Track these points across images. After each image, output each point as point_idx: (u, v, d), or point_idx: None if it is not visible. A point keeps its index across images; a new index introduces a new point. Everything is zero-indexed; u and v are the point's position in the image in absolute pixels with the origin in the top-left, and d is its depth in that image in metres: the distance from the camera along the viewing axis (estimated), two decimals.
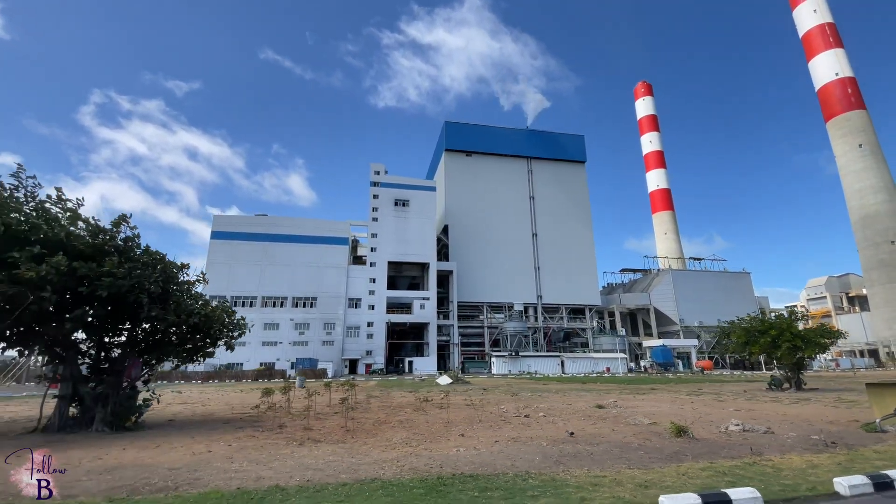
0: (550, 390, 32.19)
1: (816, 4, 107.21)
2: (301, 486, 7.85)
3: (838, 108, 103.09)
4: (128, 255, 15.34)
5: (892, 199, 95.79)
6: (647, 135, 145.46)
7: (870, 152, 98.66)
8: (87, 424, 14.81)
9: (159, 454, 10.91)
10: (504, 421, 16.06)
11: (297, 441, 12.24)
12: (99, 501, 7.14)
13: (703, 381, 42.87)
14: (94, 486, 8.04)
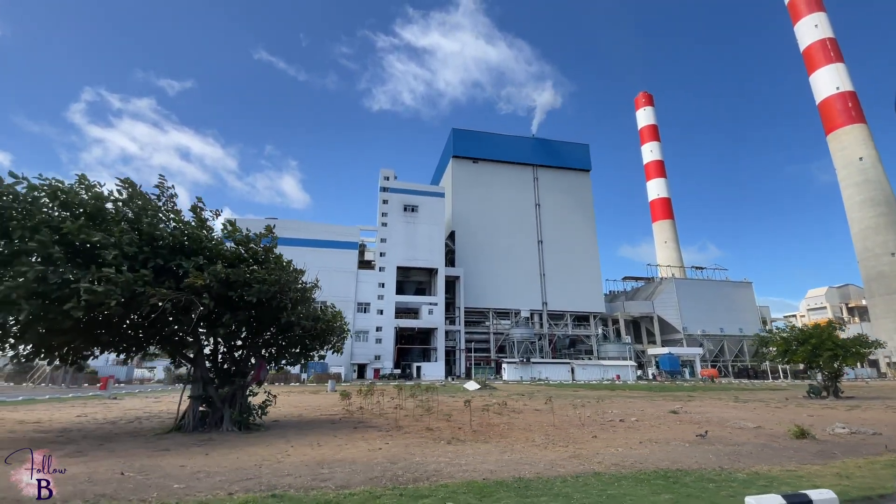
0: (589, 397, 32.19)
1: (818, 20, 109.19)
2: (538, 478, 7.88)
3: (839, 121, 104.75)
4: (265, 263, 15.51)
5: (891, 212, 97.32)
6: (648, 144, 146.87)
7: (870, 165, 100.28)
8: (216, 424, 14.81)
9: (338, 451, 10.84)
10: (609, 424, 16.10)
11: (445, 440, 12.23)
12: (380, 489, 7.10)
13: (728, 390, 43.15)
14: (348, 478, 8.03)
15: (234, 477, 8.16)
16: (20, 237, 11.19)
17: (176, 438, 12.94)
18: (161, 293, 11.98)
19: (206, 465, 9.29)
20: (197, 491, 7.15)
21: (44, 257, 11.24)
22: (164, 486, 7.45)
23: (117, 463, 9.34)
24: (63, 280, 11.02)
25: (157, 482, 7.76)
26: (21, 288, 10.53)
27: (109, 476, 8.10)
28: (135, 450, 11.03)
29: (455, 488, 7.24)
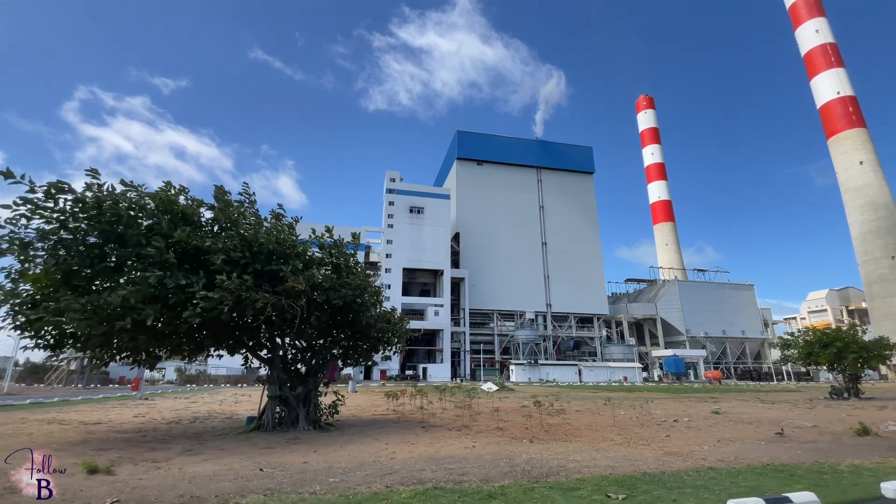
0: (616, 399, 32.54)
1: (818, 25, 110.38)
2: (661, 473, 8.23)
3: (839, 125, 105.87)
4: (348, 267, 16.11)
5: (892, 216, 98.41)
6: (649, 147, 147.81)
7: (870, 169, 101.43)
8: (292, 423, 15.07)
9: (437, 449, 11.17)
10: (665, 425, 16.47)
11: (527, 439, 12.56)
12: (525, 483, 7.40)
13: (744, 391, 43.73)
14: (483, 473, 8.37)
15: (370, 471, 8.45)
16: (136, 243, 11.52)
17: (263, 437, 13.20)
18: (265, 297, 12.29)
19: (328, 460, 9.57)
20: (355, 484, 7.44)
21: (159, 263, 11.53)
22: (318, 480, 7.73)
23: (240, 460, 9.60)
24: (177, 285, 11.33)
25: (303, 476, 8.04)
26: (141, 293, 10.83)
27: (250, 472, 8.38)
28: (241, 448, 11.30)
29: (595, 481, 7.59)
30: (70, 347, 13.34)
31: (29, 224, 11.16)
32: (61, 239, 11.33)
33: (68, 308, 10.46)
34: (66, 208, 11.40)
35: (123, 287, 11.03)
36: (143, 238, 11.63)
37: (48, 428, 15.06)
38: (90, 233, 11.57)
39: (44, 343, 12.78)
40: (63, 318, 10.83)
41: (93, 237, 11.65)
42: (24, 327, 11.74)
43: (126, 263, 11.85)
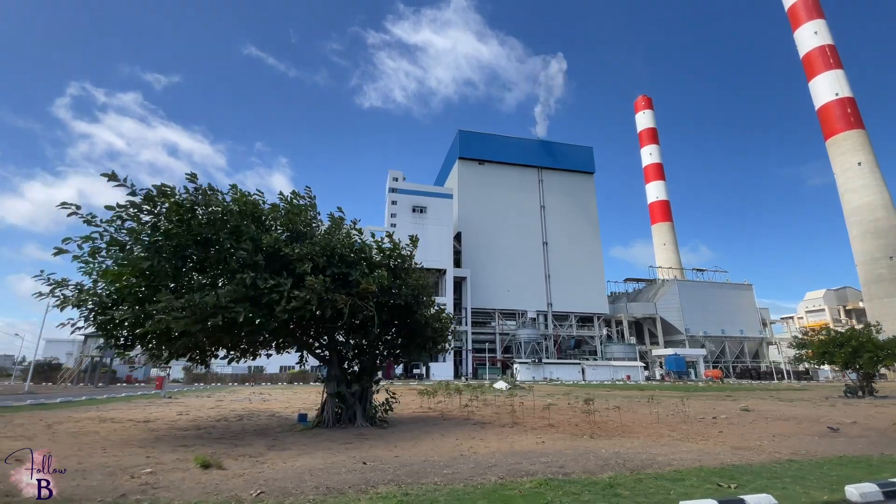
0: (633, 397, 32.99)
1: (817, 27, 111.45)
2: (745, 466, 8.62)
3: (838, 126, 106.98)
4: (407, 269, 16.67)
5: (890, 216, 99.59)
6: (647, 147, 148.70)
7: (868, 170, 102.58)
8: (350, 420, 15.35)
9: (510, 444, 11.54)
10: (708, 422, 16.87)
11: (587, 435, 12.88)
12: (627, 475, 7.72)
13: (753, 390, 44.39)
14: (581, 466, 8.74)
15: (471, 464, 8.78)
16: (229, 246, 11.91)
17: (329, 433, 13.51)
18: (342, 299, 12.66)
19: (417, 455, 9.89)
20: (469, 475, 7.77)
21: (250, 265, 11.91)
22: (433, 472, 8.06)
23: (333, 454, 9.90)
24: (270, 286, 11.70)
25: (412, 469, 8.35)
26: (235, 293, 11.19)
27: (355, 465, 8.69)
28: (320, 443, 11.63)
29: (694, 473, 7.97)
30: (142, 346, 13.66)
31: (123, 225, 11.52)
32: (155, 240, 11.67)
33: (171, 307, 10.77)
34: (163, 211, 11.76)
35: (212, 287, 11.41)
36: (231, 241, 12.02)
37: (107, 426, 15.28)
38: (183, 235, 11.89)
39: (116, 343, 13.12)
40: (145, 317, 11.14)
41: (184, 240, 11.96)
42: (105, 326, 12.03)
43: (210, 265, 12.21)
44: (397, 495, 6.56)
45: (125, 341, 13.20)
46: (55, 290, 12.03)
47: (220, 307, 11.09)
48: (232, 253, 11.90)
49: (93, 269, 12.20)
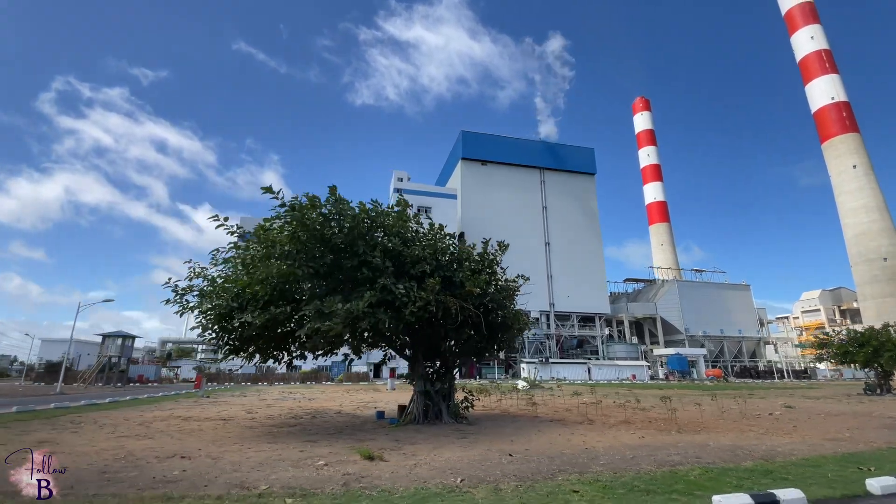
0: (657, 396, 33.85)
1: (813, 31, 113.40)
2: (856, 454, 9.29)
3: (833, 130, 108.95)
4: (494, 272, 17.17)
5: (884, 219, 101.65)
6: (645, 148, 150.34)
7: (863, 173, 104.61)
8: (436, 416, 15.91)
9: (612, 440, 12.07)
10: (765, 417, 17.63)
11: (674, 431, 13.54)
12: (752, 463, 8.37)
13: (769, 388, 45.46)
14: (711, 457, 9.34)
15: (613, 456, 9.42)
16: (362, 253, 12.56)
17: (426, 429, 14.11)
18: (452, 301, 13.29)
19: (543, 449, 10.49)
20: (624, 466, 8.41)
21: (383, 271, 12.57)
22: (582, 463, 8.69)
23: (463, 448, 10.48)
24: (401, 290, 12.34)
25: (559, 461, 8.98)
26: (375, 298, 11.87)
27: (499, 458, 9.30)
28: (431, 438, 12.20)
29: (831, 460, 8.66)
30: (253, 349, 14.39)
31: (267, 237, 12.25)
32: (306, 249, 12.32)
33: (334, 313, 11.45)
34: (306, 221, 12.39)
35: (351, 295, 12.09)
36: (366, 248, 12.69)
37: (200, 424, 15.80)
38: (320, 244, 12.52)
39: (227, 346, 13.80)
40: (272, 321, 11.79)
41: (321, 249, 12.62)
42: (227, 329, 12.69)
43: (343, 271, 12.89)
44: (601, 480, 7.19)
45: (238, 344, 13.96)
46: (180, 297, 12.81)
47: (366, 312, 11.77)
48: (367, 261, 12.59)
49: (228, 275, 12.99)
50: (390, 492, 6.79)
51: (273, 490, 6.89)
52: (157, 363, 69.26)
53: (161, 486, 7.16)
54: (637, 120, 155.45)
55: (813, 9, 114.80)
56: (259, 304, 12.55)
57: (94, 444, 11.17)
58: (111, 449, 10.54)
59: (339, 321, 11.50)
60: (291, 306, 12.76)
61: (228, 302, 12.81)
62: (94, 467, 8.53)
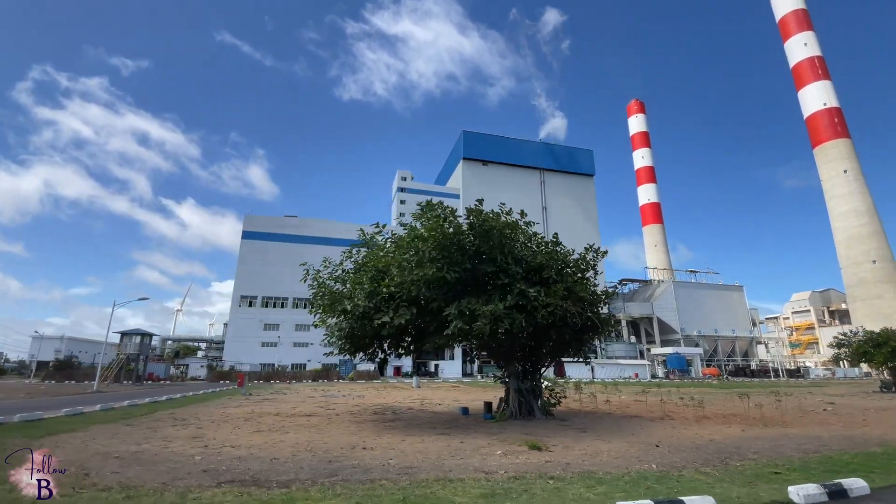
0: (681, 394, 34.99)
1: (807, 38, 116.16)
2: None
3: (825, 135, 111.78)
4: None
5: (873, 222, 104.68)
6: (640, 150, 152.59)
7: (853, 178, 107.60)
8: (528, 412, 16.75)
9: (714, 433, 13.03)
10: (824, 413, 18.80)
11: (760, 425, 14.58)
12: (880, 450, 9.38)
13: (777, 386, 47.06)
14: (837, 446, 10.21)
15: (767, 444, 10.38)
16: (500, 261, 13.43)
17: (524, 423, 15.08)
18: (569, 306, 14.24)
19: (680, 440, 11.50)
20: (774, 454, 9.40)
21: (515, 276, 13.46)
22: (740, 453, 9.65)
23: (604, 442, 11.39)
24: (535, 295, 13.24)
25: (711, 448, 9.93)
26: (513, 301, 12.78)
27: (647, 448, 10.23)
28: (549, 432, 13.06)
29: None
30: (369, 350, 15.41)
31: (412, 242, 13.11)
32: (448, 255, 13.14)
33: (480, 314, 12.29)
34: (451, 229, 13.25)
35: (489, 299, 12.97)
36: (505, 257, 13.59)
37: (293, 420, 16.49)
38: (463, 252, 13.41)
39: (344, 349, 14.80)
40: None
41: (461, 255, 13.50)
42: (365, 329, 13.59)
43: (479, 276, 13.78)
44: (796, 463, 8.12)
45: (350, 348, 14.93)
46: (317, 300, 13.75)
47: (505, 314, 12.65)
48: (504, 267, 13.49)
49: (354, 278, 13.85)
50: (591, 475, 7.68)
51: (494, 475, 7.72)
52: (167, 361, 69.09)
53: (406, 474, 7.90)
54: (632, 122, 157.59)
55: (806, 16, 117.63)
56: (394, 306, 13.38)
57: (255, 438, 11.91)
58: (289, 442, 11.33)
59: (486, 322, 12.36)
60: (425, 308, 13.64)
61: (365, 303, 13.61)
62: (319, 457, 9.39)
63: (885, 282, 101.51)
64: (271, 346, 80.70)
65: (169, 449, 10.54)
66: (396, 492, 6.81)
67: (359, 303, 13.65)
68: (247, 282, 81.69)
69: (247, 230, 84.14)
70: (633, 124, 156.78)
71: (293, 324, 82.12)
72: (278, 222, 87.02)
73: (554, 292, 13.55)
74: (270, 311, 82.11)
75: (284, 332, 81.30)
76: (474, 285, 14.13)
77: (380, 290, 13.76)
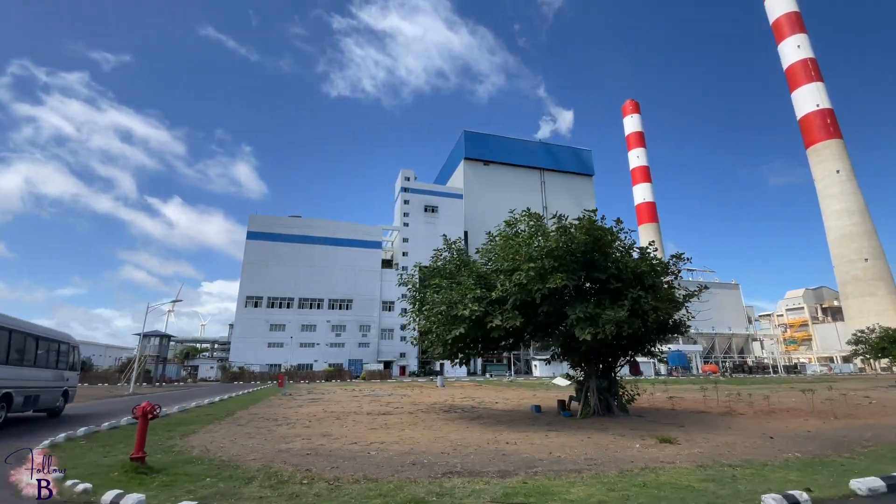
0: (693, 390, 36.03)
1: (800, 41, 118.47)
2: None
3: (818, 136, 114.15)
4: None
5: (865, 221, 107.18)
6: (635, 150, 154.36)
7: (846, 178, 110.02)
8: (606, 409, 17.37)
9: (800, 426, 13.65)
10: (878, 406, 19.73)
11: (833, 417, 15.42)
12: None
13: (784, 383, 48.40)
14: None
15: (847, 435, 11.15)
16: (613, 269, 14.14)
17: (620, 420, 15.68)
18: (670, 309, 15.00)
19: (783, 431, 12.13)
20: (867, 440, 10.16)
21: (628, 283, 14.18)
22: (855, 444, 10.39)
23: (723, 437, 11.97)
24: (644, 300, 13.97)
25: (826, 440, 10.66)
26: (630, 306, 13.50)
27: (762, 441, 10.93)
28: (666, 430, 13.64)
29: None
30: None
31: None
32: (564, 263, 13.79)
33: (606, 319, 12.97)
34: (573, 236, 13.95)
35: (598, 303, 13.69)
36: (615, 264, 14.27)
37: (377, 419, 17.02)
38: (577, 260, 14.09)
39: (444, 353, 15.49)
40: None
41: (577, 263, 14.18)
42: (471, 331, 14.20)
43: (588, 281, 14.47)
44: None
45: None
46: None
47: (626, 319, 13.41)
48: (615, 274, 14.20)
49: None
50: (751, 462, 8.35)
51: (646, 466, 8.32)
52: (176, 363, 68.94)
53: (590, 467, 8.35)
54: (627, 122, 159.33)
55: (799, 18, 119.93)
56: (500, 310, 14.00)
57: (386, 436, 12.41)
58: (426, 439, 11.75)
59: (612, 327, 13.05)
60: (533, 312, 14.29)
61: (480, 308, 14.18)
62: (484, 450, 9.98)
63: (877, 279, 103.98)
64: (278, 346, 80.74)
65: (329, 446, 10.86)
66: (618, 480, 7.25)
67: (475, 308, 14.18)
68: (252, 282, 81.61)
69: (252, 230, 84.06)
70: (629, 124, 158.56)
71: (299, 324, 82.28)
72: (283, 222, 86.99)
73: (661, 297, 14.33)
74: (276, 311, 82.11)
75: (291, 332, 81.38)
76: (578, 290, 14.81)
77: (488, 295, 14.39)
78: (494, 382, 53.61)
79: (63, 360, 16.99)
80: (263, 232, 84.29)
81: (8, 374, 13.02)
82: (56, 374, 16.29)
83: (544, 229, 16.37)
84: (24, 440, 11.50)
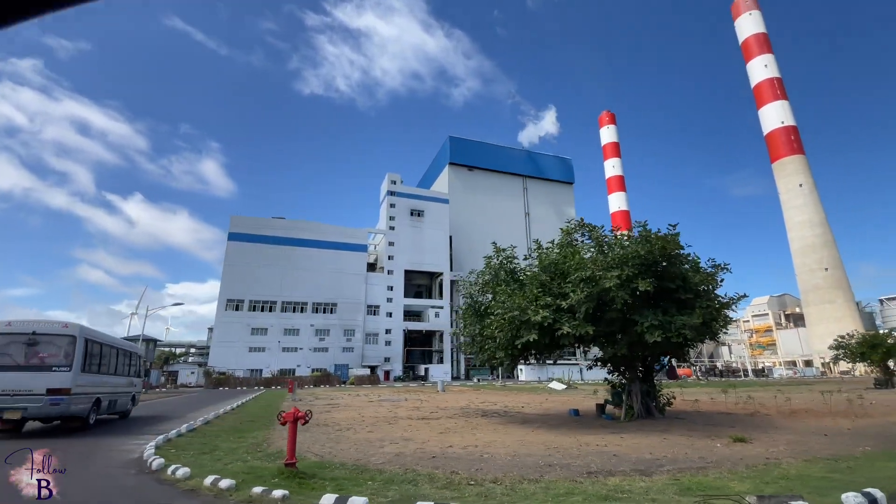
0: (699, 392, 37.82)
1: (767, 60, 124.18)
2: None
3: (782, 151, 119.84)
4: None
5: (826, 233, 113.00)
6: (610, 160, 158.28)
7: (808, 191, 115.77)
8: (647, 412, 18.39)
9: (832, 424, 14.94)
10: (873, 406, 21.46)
11: (853, 416, 16.87)
12: None
13: (767, 385, 50.93)
14: None
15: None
16: (683, 278, 15.19)
17: (665, 423, 16.75)
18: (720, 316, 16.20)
19: (829, 429, 13.37)
20: None
21: (698, 293, 15.25)
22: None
23: (783, 435, 13.14)
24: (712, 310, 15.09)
25: (866, 438, 11.94)
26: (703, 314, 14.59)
27: (818, 438, 12.14)
28: (721, 430, 14.77)
29: None
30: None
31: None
32: (637, 272, 14.75)
33: (686, 327, 13.95)
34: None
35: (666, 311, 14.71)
36: (684, 274, 15.31)
37: (427, 423, 17.72)
38: (648, 270, 15.06)
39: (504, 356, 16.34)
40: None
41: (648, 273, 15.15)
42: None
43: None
44: None
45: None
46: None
47: (694, 327, 14.47)
48: (684, 284, 15.26)
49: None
50: (837, 458, 9.51)
51: (755, 464, 9.37)
52: (156, 368, 67.39)
53: (692, 468, 8.99)
54: (603, 133, 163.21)
55: (767, 39, 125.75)
56: (568, 317, 14.92)
57: (456, 439, 13.04)
58: (499, 443, 12.33)
59: (689, 333, 14.16)
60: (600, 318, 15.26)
61: (549, 315, 15.01)
62: (588, 455, 10.67)
63: (836, 288, 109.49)
64: (260, 350, 79.60)
65: (431, 450, 11.19)
66: (754, 475, 7.98)
67: (546, 315, 15.01)
68: (233, 285, 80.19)
69: (233, 231, 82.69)
70: (605, 135, 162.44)
71: (282, 328, 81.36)
72: (266, 224, 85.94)
73: (723, 305, 15.62)
74: (258, 314, 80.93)
75: (273, 336, 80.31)
76: (646, 299, 15.82)
77: (555, 303, 15.27)
78: (487, 387, 54.61)
79: (133, 368, 18.00)
80: (245, 233, 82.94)
81: (99, 382, 13.85)
82: (128, 381, 17.42)
83: (601, 239, 17.44)
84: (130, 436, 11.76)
